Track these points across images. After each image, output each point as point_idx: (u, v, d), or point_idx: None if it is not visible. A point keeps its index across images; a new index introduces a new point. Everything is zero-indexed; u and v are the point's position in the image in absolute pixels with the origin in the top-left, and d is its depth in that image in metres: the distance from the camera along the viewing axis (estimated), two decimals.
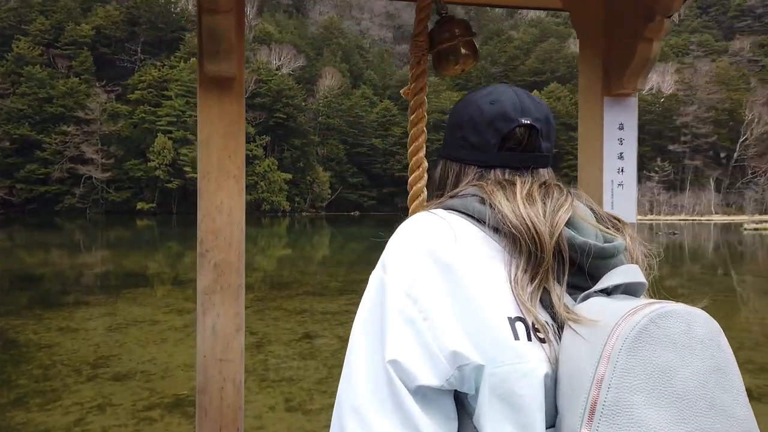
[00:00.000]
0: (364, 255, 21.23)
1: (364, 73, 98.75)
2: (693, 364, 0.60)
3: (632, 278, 0.70)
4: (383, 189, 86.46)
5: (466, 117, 0.87)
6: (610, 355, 0.60)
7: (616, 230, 0.81)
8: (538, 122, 0.84)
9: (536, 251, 0.71)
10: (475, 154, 0.85)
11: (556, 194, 0.78)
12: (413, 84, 1.50)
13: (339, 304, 10.24)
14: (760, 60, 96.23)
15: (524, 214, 0.73)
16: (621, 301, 0.66)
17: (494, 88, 0.89)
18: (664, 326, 0.60)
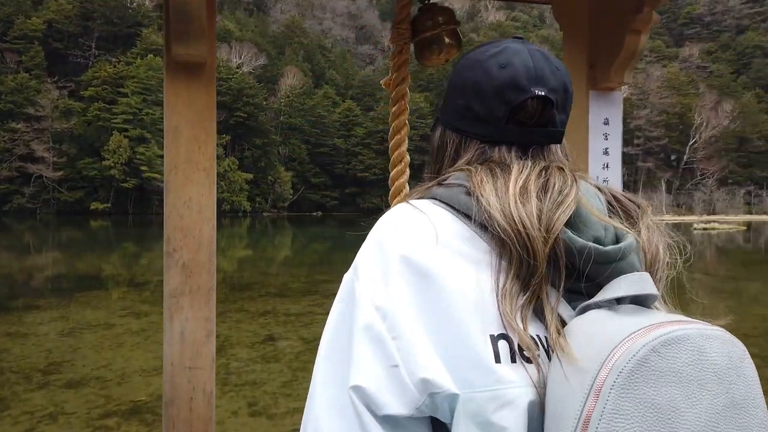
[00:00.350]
0: (327, 255, 21.11)
1: (326, 72, 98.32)
2: (702, 403, 0.50)
3: (638, 290, 0.58)
4: (346, 189, 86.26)
5: (471, 81, 0.74)
6: (600, 391, 0.50)
7: (630, 221, 0.69)
8: (554, 93, 0.72)
9: (528, 259, 0.60)
10: (478, 126, 0.74)
11: (557, 184, 0.65)
12: (395, 74, 1.43)
13: (302, 305, 10.09)
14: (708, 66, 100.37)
15: (515, 215, 0.62)
16: (623, 318, 0.56)
17: (505, 46, 0.74)
18: (669, 356, 0.50)
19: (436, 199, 0.69)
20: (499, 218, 0.62)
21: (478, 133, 0.74)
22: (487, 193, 0.64)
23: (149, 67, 64.47)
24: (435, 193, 0.70)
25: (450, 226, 0.65)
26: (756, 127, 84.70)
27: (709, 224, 49.37)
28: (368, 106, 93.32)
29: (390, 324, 0.59)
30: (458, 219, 0.66)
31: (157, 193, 65.83)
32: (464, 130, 0.75)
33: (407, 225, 0.66)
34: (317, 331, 6.76)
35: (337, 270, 16.42)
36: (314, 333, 7.89)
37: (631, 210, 0.71)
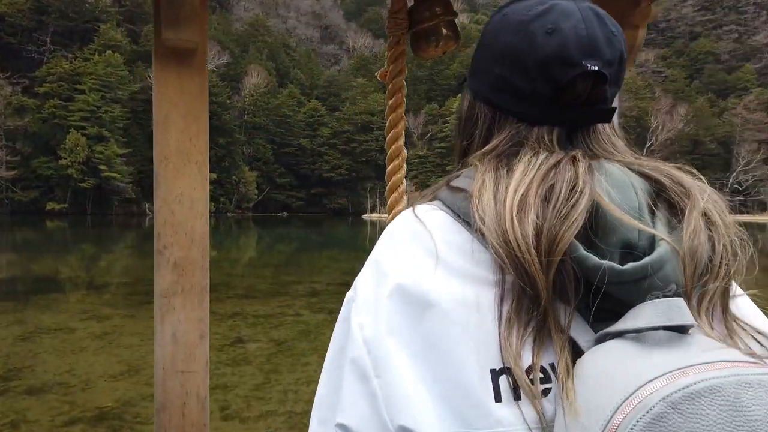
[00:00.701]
0: (293, 256, 20.89)
1: (290, 72, 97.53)
2: None
3: (663, 322, 0.48)
4: (311, 190, 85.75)
5: (510, 48, 0.62)
6: None
7: (675, 214, 0.57)
8: (609, 66, 0.60)
9: (527, 288, 0.52)
10: (516, 103, 0.64)
11: (564, 190, 0.55)
12: (391, 66, 1.39)
13: (271, 306, 9.94)
14: (663, 71, 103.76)
15: (510, 237, 0.53)
16: (645, 355, 0.46)
17: (552, 5, 0.62)
18: (691, 414, 0.41)
19: (443, 204, 0.62)
20: (493, 240, 0.54)
21: (514, 111, 0.64)
22: (484, 204, 0.56)
23: (108, 63, 62.70)
24: (441, 196, 0.64)
25: (452, 239, 0.58)
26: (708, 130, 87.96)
27: None
28: (334, 106, 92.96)
29: (374, 360, 0.54)
30: (462, 228, 0.59)
31: (116, 193, 64.07)
32: (499, 105, 0.65)
33: (406, 244, 0.59)
34: (287, 332, 6.64)
35: (305, 271, 16.28)
36: (285, 335, 7.78)
37: (677, 199, 0.57)
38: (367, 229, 46.95)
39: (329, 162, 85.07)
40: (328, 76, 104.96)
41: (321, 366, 1.10)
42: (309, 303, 10.37)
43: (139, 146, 69.41)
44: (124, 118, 65.09)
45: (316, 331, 8.03)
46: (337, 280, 13.52)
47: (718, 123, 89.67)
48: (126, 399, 5.14)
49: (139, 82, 70.95)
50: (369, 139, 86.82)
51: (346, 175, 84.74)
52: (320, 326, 8.34)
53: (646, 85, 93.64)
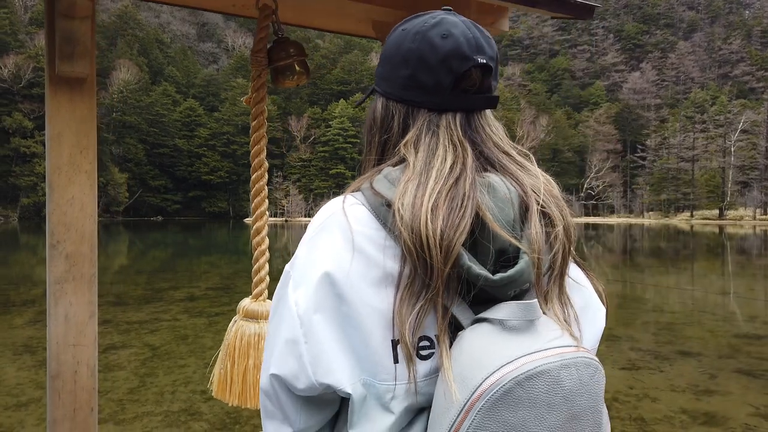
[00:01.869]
0: (169, 262, 20.00)
1: (165, 69, 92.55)
2: (548, 420, 0.62)
3: (519, 317, 0.67)
4: (189, 193, 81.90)
5: (415, 52, 0.78)
6: (470, 410, 0.61)
7: (539, 222, 0.74)
8: (492, 61, 0.78)
9: (426, 278, 0.68)
10: (425, 95, 0.78)
11: (461, 194, 0.72)
12: (254, 94, 1.71)
13: (146, 312, 9.65)
14: (527, 84, 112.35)
15: (422, 235, 0.68)
16: (505, 341, 0.65)
17: (442, 17, 0.79)
18: (529, 388, 0.61)
19: (364, 200, 0.77)
20: (406, 237, 0.69)
21: (425, 102, 0.78)
22: (405, 206, 0.71)
23: None
24: (366, 194, 0.77)
25: (370, 234, 0.73)
26: (566, 140, 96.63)
27: None
28: (212, 106, 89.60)
29: (306, 330, 0.71)
30: (380, 226, 0.73)
31: None
32: (410, 100, 0.80)
33: (333, 234, 0.74)
34: (163, 337, 6.62)
35: (182, 277, 15.74)
36: (161, 339, 7.66)
37: (538, 212, 0.75)
38: (249, 233, 45.93)
39: (208, 164, 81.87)
40: (205, 75, 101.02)
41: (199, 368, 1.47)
42: (187, 308, 10.19)
43: None
44: None
45: (195, 334, 7.98)
46: (218, 285, 13.32)
47: (574, 134, 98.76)
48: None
49: None
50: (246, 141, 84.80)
51: (226, 177, 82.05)
52: (199, 330, 8.30)
53: (513, 97, 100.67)
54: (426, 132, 0.78)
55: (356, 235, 0.73)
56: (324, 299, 0.71)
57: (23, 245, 29.02)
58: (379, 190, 0.75)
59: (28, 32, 74.71)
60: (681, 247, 29.70)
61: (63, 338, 1.39)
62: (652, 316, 9.67)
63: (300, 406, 0.76)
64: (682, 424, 4.68)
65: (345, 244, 0.72)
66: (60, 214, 1.38)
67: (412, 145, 0.78)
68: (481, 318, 0.68)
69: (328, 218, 0.76)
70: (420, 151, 0.77)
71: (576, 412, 0.64)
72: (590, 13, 1.70)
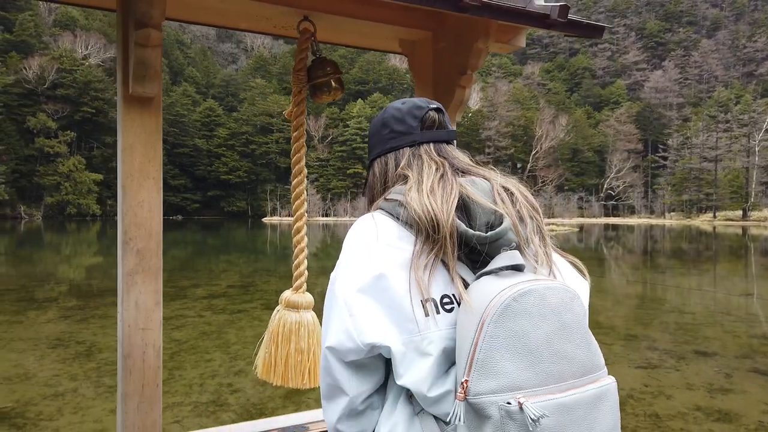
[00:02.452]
0: (189, 261, 20.29)
1: (185, 69, 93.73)
2: (542, 327, 0.84)
3: (509, 263, 0.91)
4: (208, 192, 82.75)
5: (388, 118, 1.11)
6: (483, 325, 0.83)
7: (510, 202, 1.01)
8: (441, 112, 1.13)
9: (433, 233, 0.93)
10: (403, 138, 1.09)
11: (447, 188, 0.99)
12: (295, 108, 1.91)
13: (171, 309, 9.96)
14: (547, 84, 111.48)
15: (426, 205, 0.94)
16: (501, 280, 0.88)
17: (403, 100, 1.14)
18: (523, 302, 0.84)
19: (383, 210, 1.03)
20: (417, 209, 0.95)
21: (405, 143, 1.09)
22: (412, 198, 0.98)
23: None
24: (382, 206, 1.03)
25: (391, 230, 0.98)
26: (586, 140, 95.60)
27: (549, 226, 54.93)
28: (231, 107, 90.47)
29: (350, 307, 0.94)
30: (396, 223, 0.99)
31: None
32: (395, 146, 1.10)
33: (367, 236, 0.98)
34: (189, 332, 6.90)
35: (202, 275, 16.06)
36: (187, 334, 7.94)
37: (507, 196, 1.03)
38: (267, 232, 46.43)
39: (227, 164, 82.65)
40: (225, 75, 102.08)
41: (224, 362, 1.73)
42: (209, 305, 10.48)
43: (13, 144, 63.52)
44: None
45: (218, 330, 8.24)
46: (238, 283, 13.62)
47: (594, 133, 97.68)
48: (26, 399, 5.18)
49: (13, 74, 64.99)
50: (269, 141, 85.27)
51: (245, 177, 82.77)
52: (222, 326, 8.56)
53: (532, 96, 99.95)
54: (413, 160, 1.08)
55: (380, 233, 0.98)
56: (363, 281, 0.94)
57: (47, 244, 29.73)
58: (391, 197, 1.03)
59: (52, 34, 76.21)
60: (703, 249, 29.37)
61: (134, 322, 1.59)
62: (671, 317, 9.71)
63: (351, 373, 0.96)
64: (695, 420, 4.79)
65: (375, 241, 0.97)
66: (132, 215, 1.58)
67: (407, 167, 1.08)
68: (481, 273, 0.92)
69: (360, 227, 1.02)
70: (413, 169, 1.06)
71: (565, 323, 0.86)
72: (600, 33, 1.87)
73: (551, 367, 0.84)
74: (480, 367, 0.83)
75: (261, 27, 2.03)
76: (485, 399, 0.82)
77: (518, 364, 0.82)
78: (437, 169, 1.04)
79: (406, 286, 0.92)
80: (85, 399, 5.23)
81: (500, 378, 0.82)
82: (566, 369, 0.85)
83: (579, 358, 0.87)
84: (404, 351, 0.92)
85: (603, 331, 8.37)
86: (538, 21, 1.72)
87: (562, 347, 0.85)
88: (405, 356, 0.92)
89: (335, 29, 2.01)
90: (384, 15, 1.90)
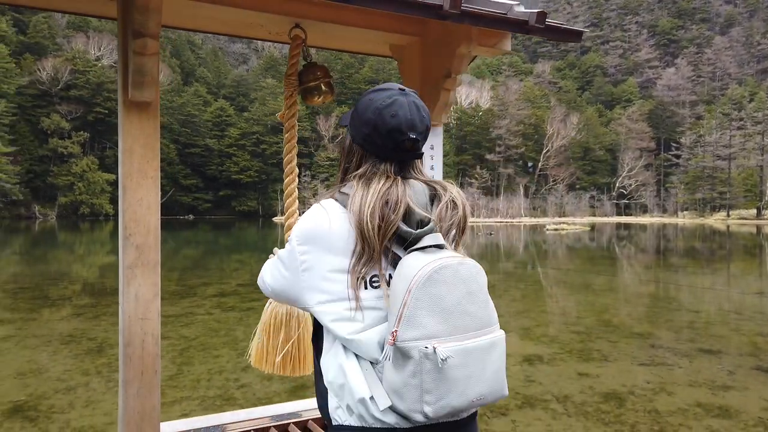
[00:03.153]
0: (201, 260, 20.48)
1: (196, 70, 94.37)
2: (454, 293, 1.10)
3: (431, 242, 1.17)
4: (219, 192, 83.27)
5: (372, 122, 1.23)
6: (411, 290, 1.08)
7: (436, 199, 1.25)
8: (420, 135, 1.24)
9: (369, 251, 1.16)
10: (375, 149, 1.24)
11: (395, 196, 1.18)
12: (287, 111, 2.01)
13: (181, 307, 10.13)
14: (558, 82, 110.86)
15: (363, 222, 1.15)
16: (426, 256, 1.13)
17: (395, 99, 1.23)
18: (441, 273, 1.10)
19: (335, 200, 1.24)
20: (355, 222, 1.17)
21: (374, 153, 1.26)
22: (355, 204, 1.18)
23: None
24: (336, 196, 1.25)
25: (339, 217, 1.20)
26: (597, 138, 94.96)
27: (560, 225, 54.80)
28: (242, 107, 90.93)
29: (304, 265, 1.22)
30: (345, 214, 1.20)
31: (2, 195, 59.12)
32: (367, 149, 1.26)
33: (315, 215, 1.22)
34: (198, 329, 7.03)
35: (213, 274, 16.25)
36: (196, 331, 8.09)
37: (441, 193, 1.26)
38: (277, 231, 46.70)
39: (238, 164, 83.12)
40: (235, 75, 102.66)
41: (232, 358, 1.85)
42: (219, 303, 10.63)
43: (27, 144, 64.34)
44: (10, 113, 60.16)
45: (227, 328, 8.38)
46: (247, 282, 13.77)
47: (606, 132, 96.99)
48: (39, 393, 5.34)
49: (27, 75, 65.80)
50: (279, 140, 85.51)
51: (255, 177, 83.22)
52: (231, 323, 8.71)
53: (542, 95, 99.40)
54: (371, 170, 1.25)
55: (331, 216, 1.21)
56: (312, 247, 1.20)
57: (61, 243, 30.12)
58: (346, 192, 1.24)
59: (66, 35, 77.10)
60: (717, 248, 29.14)
61: (134, 313, 1.70)
62: (680, 316, 9.71)
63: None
64: (695, 416, 4.83)
65: (323, 220, 1.21)
66: (131, 212, 1.69)
67: (363, 175, 1.25)
68: (411, 249, 1.17)
69: (312, 210, 1.26)
70: (365, 178, 1.24)
71: (471, 290, 1.14)
72: (578, 38, 1.94)
73: (458, 322, 1.10)
74: (406, 321, 1.07)
75: (255, 33, 2.13)
76: (409, 344, 1.07)
77: (435, 319, 1.08)
78: (387, 179, 1.22)
79: (342, 258, 1.19)
80: (95, 393, 5.38)
81: (421, 329, 1.07)
82: (470, 323, 1.11)
83: (479, 316, 1.14)
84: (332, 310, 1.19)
85: (609, 329, 8.40)
86: (518, 27, 1.80)
87: (467, 308, 1.12)
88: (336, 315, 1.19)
89: (326, 34, 2.11)
90: (373, 22, 1.99)
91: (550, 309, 10.59)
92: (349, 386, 1.15)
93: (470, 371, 1.09)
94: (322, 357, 1.24)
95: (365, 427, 1.14)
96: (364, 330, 1.16)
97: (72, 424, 4.60)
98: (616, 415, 4.86)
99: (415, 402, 1.06)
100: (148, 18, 1.49)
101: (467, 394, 1.09)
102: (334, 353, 1.20)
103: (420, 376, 1.06)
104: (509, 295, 12.13)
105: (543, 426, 4.60)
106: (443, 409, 1.07)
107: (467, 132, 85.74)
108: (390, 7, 1.59)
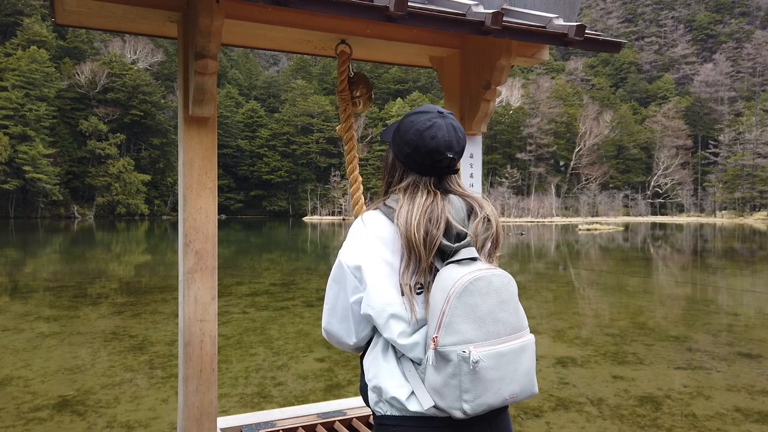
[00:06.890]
0: (233, 259, 20.83)
1: (228, 72, 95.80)
2: (488, 302, 1.21)
3: (467, 256, 1.27)
4: (251, 192, 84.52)
5: (413, 143, 1.34)
6: (449, 299, 1.19)
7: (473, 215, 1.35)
8: (457, 154, 1.35)
9: (416, 262, 1.27)
10: (416, 167, 1.35)
11: (437, 211, 1.29)
12: (344, 123, 2.12)
13: (218, 305, 10.37)
14: (590, 79, 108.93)
15: (411, 235, 1.25)
16: (462, 267, 1.24)
17: (434, 122, 1.34)
18: (476, 284, 1.21)
19: (381, 212, 1.35)
20: (403, 233, 1.27)
21: (415, 169, 1.37)
22: (401, 217, 1.29)
23: (32, 59, 59.79)
24: (381, 209, 1.36)
25: (386, 230, 1.32)
26: (632, 136, 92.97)
27: (593, 225, 53.94)
28: (273, 108, 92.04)
29: (359, 281, 1.33)
30: (391, 226, 1.31)
31: (43, 195, 61.21)
32: (408, 165, 1.37)
33: (357, 239, 1.34)
34: (234, 327, 7.24)
35: (246, 273, 16.54)
36: (232, 330, 8.30)
37: (476, 210, 1.37)
38: (307, 231, 47.14)
39: (269, 164, 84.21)
40: (266, 77, 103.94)
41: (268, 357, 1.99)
42: (253, 302, 10.86)
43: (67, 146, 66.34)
44: (50, 116, 62.16)
45: (262, 327, 8.57)
46: (279, 281, 14.00)
47: (640, 129, 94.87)
48: (86, 388, 5.58)
49: (66, 79, 67.87)
50: (309, 141, 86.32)
51: (286, 177, 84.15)
52: (266, 322, 8.89)
53: (575, 93, 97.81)
54: (412, 185, 1.35)
55: (377, 230, 1.32)
56: (363, 256, 1.31)
57: (98, 242, 31.01)
58: (391, 205, 1.35)
59: (103, 40, 79.23)
60: (757, 248, 28.31)
61: (193, 315, 1.82)
62: (718, 318, 9.52)
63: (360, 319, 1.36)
64: (733, 420, 4.77)
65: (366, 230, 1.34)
66: (191, 220, 1.81)
67: (405, 189, 1.36)
68: (449, 261, 1.27)
69: (356, 229, 1.37)
70: (408, 193, 1.35)
71: (503, 298, 1.24)
72: (618, 48, 1.98)
73: (492, 328, 1.21)
74: (446, 327, 1.19)
75: (303, 48, 2.23)
76: (448, 349, 1.18)
77: (471, 326, 1.19)
78: (428, 195, 1.33)
79: (389, 269, 1.30)
80: (139, 389, 5.59)
81: (458, 335, 1.18)
82: (502, 329, 1.22)
83: (510, 322, 1.24)
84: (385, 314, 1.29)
85: (644, 332, 8.30)
86: (557, 39, 1.86)
87: (499, 315, 1.23)
88: (387, 320, 1.29)
89: (370, 49, 2.20)
90: (414, 36, 2.07)
91: (582, 311, 10.49)
92: (385, 387, 1.28)
93: (503, 372, 1.20)
94: (365, 357, 1.36)
95: (405, 416, 1.27)
96: (412, 333, 1.27)
97: (119, 419, 4.80)
98: (652, 419, 4.83)
99: (454, 400, 1.18)
100: (209, 41, 1.60)
101: (501, 393, 1.20)
102: (374, 355, 1.33)
103: (459, 377, 1.17)
104: (541, 296, 12.05)
105: (577, 428, 4.61)
106: (480, 407, 1.18)
107: (497, 131, 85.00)
108: (434, 24, 1.67)
